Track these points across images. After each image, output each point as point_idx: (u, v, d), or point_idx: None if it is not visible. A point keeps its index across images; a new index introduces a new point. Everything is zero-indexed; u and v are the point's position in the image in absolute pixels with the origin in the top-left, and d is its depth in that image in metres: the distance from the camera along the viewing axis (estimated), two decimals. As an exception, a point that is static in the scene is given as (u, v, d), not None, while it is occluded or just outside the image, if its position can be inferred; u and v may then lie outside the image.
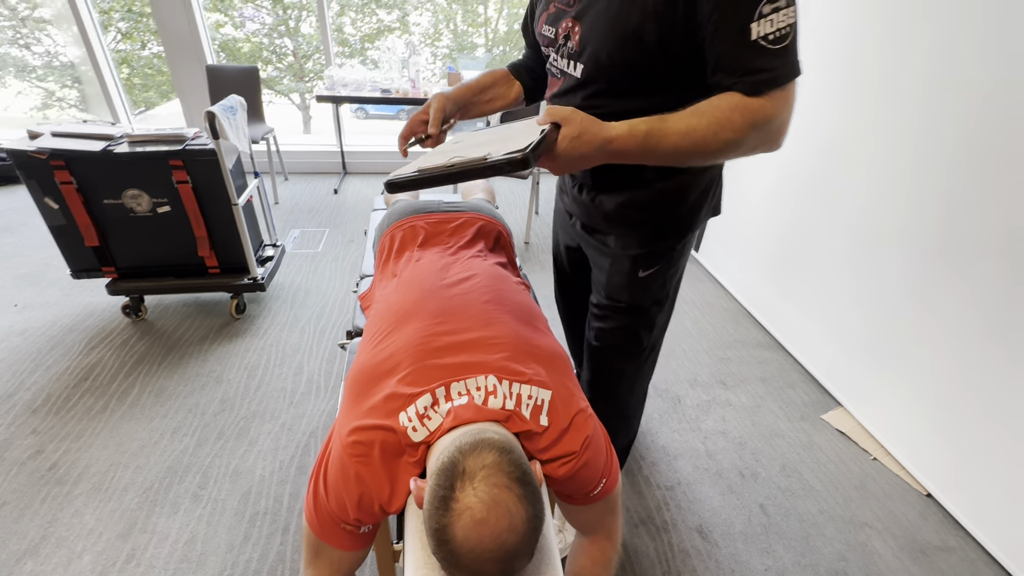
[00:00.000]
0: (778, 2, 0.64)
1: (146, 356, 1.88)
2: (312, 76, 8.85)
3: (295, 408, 1.68)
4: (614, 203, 0.93)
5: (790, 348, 2.06)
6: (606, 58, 0.76)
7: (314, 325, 2.08)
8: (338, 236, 2.80)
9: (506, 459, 0.62)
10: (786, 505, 1.45)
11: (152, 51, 7.82)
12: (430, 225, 1.16)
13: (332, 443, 0.79)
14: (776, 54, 0.66)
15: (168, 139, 1.83)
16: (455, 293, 0.93)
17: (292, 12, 8.20)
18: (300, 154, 3.61)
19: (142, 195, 1.85)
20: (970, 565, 1.31)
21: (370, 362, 0.82)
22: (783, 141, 0.73)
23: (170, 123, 7.25)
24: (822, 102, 1.81)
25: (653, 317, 1.05)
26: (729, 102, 0.69)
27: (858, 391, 1.74)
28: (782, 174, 2.07)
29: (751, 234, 2.29)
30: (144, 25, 7.39)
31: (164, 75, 7.81)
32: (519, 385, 0.77)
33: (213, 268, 2.03)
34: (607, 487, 0.83)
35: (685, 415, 1.74)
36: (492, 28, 9.57)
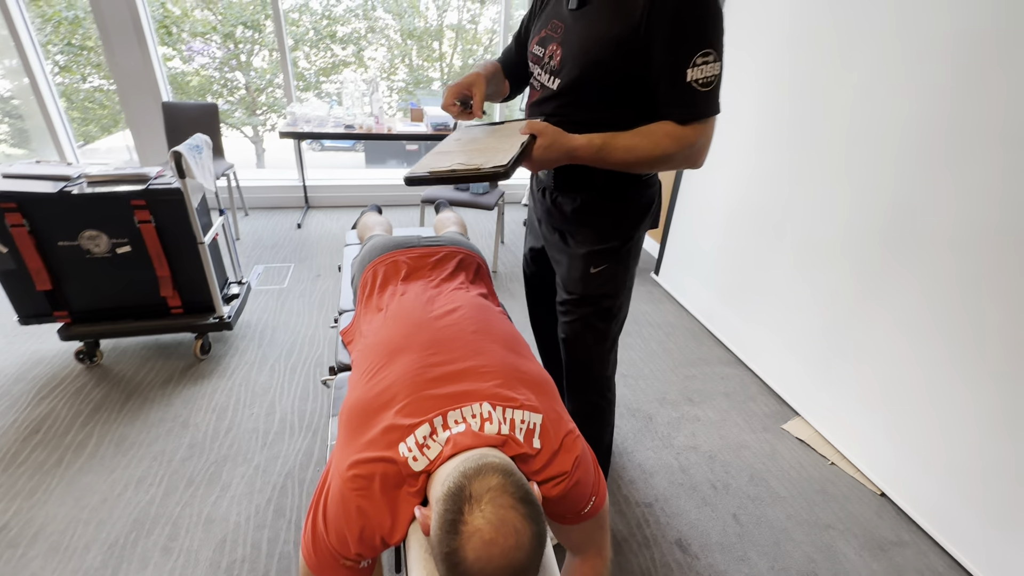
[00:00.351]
0: (708, 57, 0.85)
1: (103, 404, 1.79)
2: (265, 109, 8.77)
3: (269, 449, 1.64)
4: (571, 206, 1.11)
5: (749, 363, 2.18)
6: (578, 76, 0.95)
7: (284, 362, 2.04)
8: (304, 271, 2.77)
9: (509, 481, 0.65)
10: (756, 513, 1.53)
11: (92, 85, 7.56)
12: (412, 260, 1.20)
13: (330, 478, 0.79)
14: (702, 95, 0.87)
15: (130, 179, 1.79)
16: (443, 325, 0.97)
17: (244, 46, 8.16)
18: (260, 189, 3.56)
19: (100, 236, 1.79)
20: (923, 557, 1.41)
21: (365, 396, 0.84)
22: (703, 162, 0.96)
23: (111, 158, 6.91)
24: (768, 140, 1.99)
25: (606, 307, 1.18)
26: (663, 128, 0.90)
27: (813, 401, 1.86)
28: (735, 202, 2.23)
29: (708, 258, 2.44)
30: (84, 59, 7.16)
31: (105, 108, 7.55)
32: (512, 411, 0.81)
33: (176, 308, 1.97)
34: (596, 504, 0.88)
35: (657, 433, 1.81)
36: (447, 63, 9.82)
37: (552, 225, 1.17)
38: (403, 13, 8.31)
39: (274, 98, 8.59)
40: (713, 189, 2.35)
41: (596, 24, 0.90)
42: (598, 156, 0.91)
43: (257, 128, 9.30)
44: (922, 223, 1.43)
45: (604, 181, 1.04)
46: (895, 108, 1.49)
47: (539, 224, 1.25)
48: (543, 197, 1.17)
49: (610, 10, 0.88)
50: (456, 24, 8.87)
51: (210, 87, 8.27)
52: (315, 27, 8.19)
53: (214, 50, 8.09)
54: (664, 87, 0.88)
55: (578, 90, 0.96)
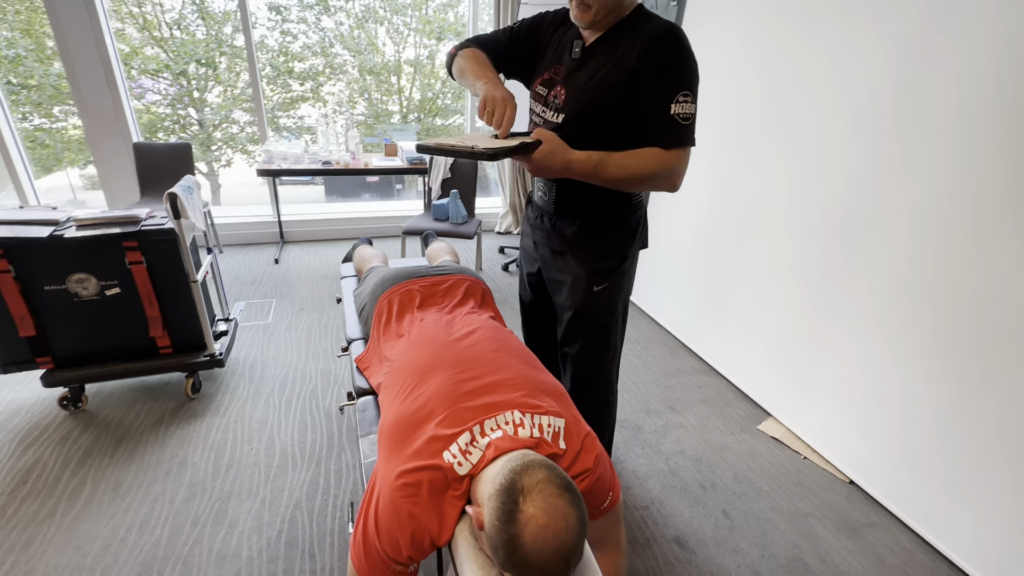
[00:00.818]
0: (687, 97, 1.04)
1: (94, 449, 1.75)
2: (220, 145, 8.66)
3: (273, 483, 1.65)
4: (571, 230, 1.24)
5: (722, 371, 2.35)
6: (581, 111, 1.11)
7: (278, 396, 2.05)
8: (287, 305, 2.78)
9: (554, 474, 0.75)
10: (743, 508, 1.65)
11: (34, 124, 7.29)
12: (424, 288, 1.29)
13: (378, 490, 0.86)
14: (683, 127, 1.05)
15: (121, 221, 1.81)
16: (466, 345, 1.06)
17: (196, 82, 8.09)
18: (234, 226, 3.55)
19: (89, 279, 1.79)
20: (891, 535, 1.57)
21: (405, 412, 0.92)
22: (679, 185, 1.11)
23: (52, 198, 6.58)
24: (726, 166, 2.21)
25: (608, 323, 1.32)
26: (651, 151, 1.07)
27: (783, 402, 2.04)
28: (698, 224, 2.44)
29: (677, 276, 2.63)
30: (25, 97, 6.92)
31: (48, 148, 7.28)
32: (539, 416, 0.91)
33: (165, 348, 1.96)
34: (613, 499, 0.98)
35: (646, 441, 1.93)
36: (407, 96, 10.03)
37: (552, 248, 1.29)
38: (361, 50, 8.48)
39: (230, 134, 8.51)
40: (678, 213, 2.56)
41: (598, 71, 1.09)
42: (594, 171, 1.06)
43: (212, 164, 9.14)
44: (866, 237, 1.65)
45: (599, 205, 1.18)
46: (837, 138, 1.72)
47: (535, 247, 1.37)
48: (541, 222, 1.29)
49: (610, 61, 1.08)
50: (414, 59, 9.13)
51: (162, 123, 8.12)
52: (272, 63, 8.24)
53: (164, 86, 7.98)
54: (652, 119, 1.06)
55: (579, 122, 1.12)
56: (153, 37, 6.77)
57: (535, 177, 1.25)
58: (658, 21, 1.06)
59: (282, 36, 6.91)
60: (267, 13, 6.38)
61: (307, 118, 7.97)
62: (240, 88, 7.63)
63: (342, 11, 7.04)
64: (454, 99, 7.85)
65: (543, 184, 1.24)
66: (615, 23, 1.09)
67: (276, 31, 6.69)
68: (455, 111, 7.81)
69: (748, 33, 2.05)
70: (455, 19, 6.91)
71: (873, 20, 1.57)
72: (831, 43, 1.71)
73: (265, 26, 6.44)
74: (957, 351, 1.41)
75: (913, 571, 1.46)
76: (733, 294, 2.25)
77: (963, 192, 1.37)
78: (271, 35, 6.47)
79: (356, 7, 7.07)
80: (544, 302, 1.44)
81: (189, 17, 6.53)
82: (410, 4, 7.06)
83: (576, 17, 1.08)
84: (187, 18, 6.46)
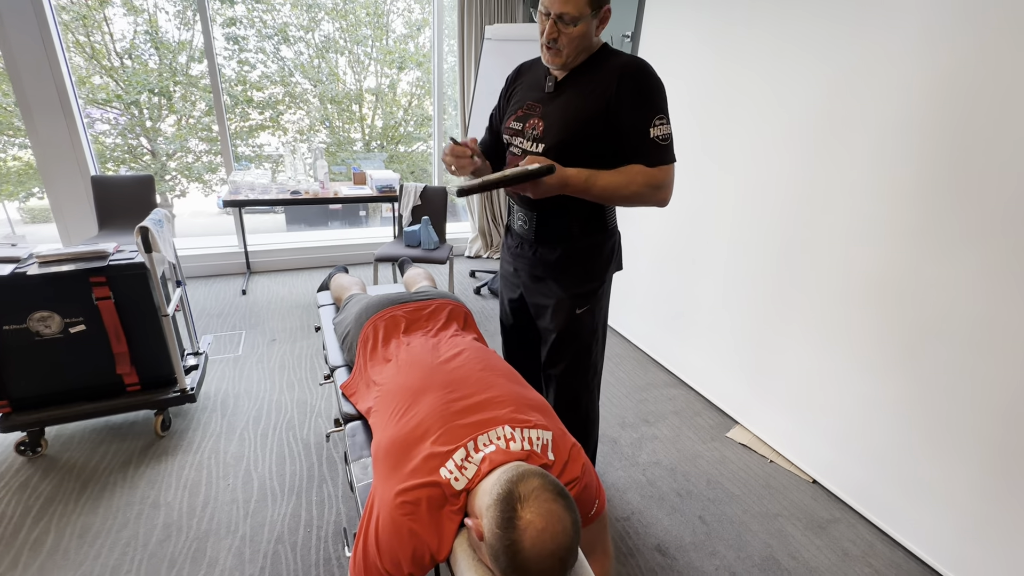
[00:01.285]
0: (662, 120, 1.15)
1: (56, 495, 1.67)
2: (174, 174, 8.43)
3: (253, 518, 1.62)
4: (553, 256, 1.31)
5: (690, 383, 2.46)
6: (561, 140, 1.19)
7: (253, 429, 2.01)
8: (257, 337, 2.73)
9: (547, 481, 0.80)
10: (717, 513, 1.73)
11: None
12: (408, 313, 1.33)
13: (376, 510, 0.89)
14: (662, 147, 1.15)
15: (87, 256, 1.77)
16: (454, 367, 1.10)
17: (149, 111, 7.89)
18: (197, 257, 3.48)
19: (52, 316, 1.73)
20: (853, 528, 1.68)
21: (399, 433, 0.96)
22: (668, 200, 1.19)
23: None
24: (687, 189, 2.36)
25: (590, 344, 1.41)
26: (637, 168, 1.16)
27: (748, 409, 2.15)
28: (662, 244, 2.57)
29: (642, 294, 2.75)
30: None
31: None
32: (528, 430, 0.96)
33: (133, 385, 1.91)
34: (600, 507, 1.04)
35: (623, 453, 2.00)
36: (368, 124, 10.08)
37: (534, 274, 1.36)
38: (321, 80, 8.51)
39: (185, 163, 8.32)
40: (639, 234, 2.69)
41: (572, 103, 1.19)
42: (584, 185, 1.14)
43: (167, 195, 8.87)
44: (808, 252, 1.80)
45: (580, 232, 1.27)
46: (775, 163, 1.88)
47: (516, 274, 1.44)
48: (522, 250, 1.36)
49: (584, 93, 1.17)
50: (375, 88, 9.21)
51: (112, 153, 7.86)
52: (229, 92, 8.15)
53: (115, 116, 7.75)
54: (633, 143, 1.15)
55: (560, 150, 1.20)
56: (103, 66, 6.59)
57: (518, 206, 1.33)
58: (625, 56, 1.17)
59: (240, 65, 6.86)
60: (223, 43, 6.34)
61: (267, 147, 7.89)
62: (196, 117, 7.50)
63: (302, 41, 7.05)
64: (416, 127, 7.95)
65: (523, 214, 1.31)
66: (584, 60, 1.19)
67: (233, 60, 6.64)
68: (418, 138, 7.91)
69: (693, 67, 2.23)
70: (415, 49, 7.06)
71: (803, 53, 1.75)
72: (766, 74, 1.88)
73: (222, 55, 6.40)
74: (901, 354, 1.55)
75: (875, 561, 1.56)
76: (694, 309, 2.37)
77: (893, 208, 1.53)
78: (228, 64, 6.42)
79: (316, 37, 7.11)
80: (525, 326, 1.50)
81: (142, 46, 6.40)
82: (370, 35, 7.17)
83: (548, 61, 1.18)
84: (139, 47, 6.34)
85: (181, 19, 6.13)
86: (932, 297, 1.45)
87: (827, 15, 1.67)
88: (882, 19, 1.52)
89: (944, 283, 1.42)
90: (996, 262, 1.30)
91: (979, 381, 1.37)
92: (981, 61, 1.30)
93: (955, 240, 1.39)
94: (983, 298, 1.34)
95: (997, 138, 1.28)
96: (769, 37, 1.88)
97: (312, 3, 6.06)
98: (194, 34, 6.18)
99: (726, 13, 2.06)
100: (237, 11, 6.03)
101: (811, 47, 1.73)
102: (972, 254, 1.35)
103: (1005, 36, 1.25)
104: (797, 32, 1.78)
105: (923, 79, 1.43)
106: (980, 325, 1.35)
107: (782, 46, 1.84)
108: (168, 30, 6.26)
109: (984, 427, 1.37)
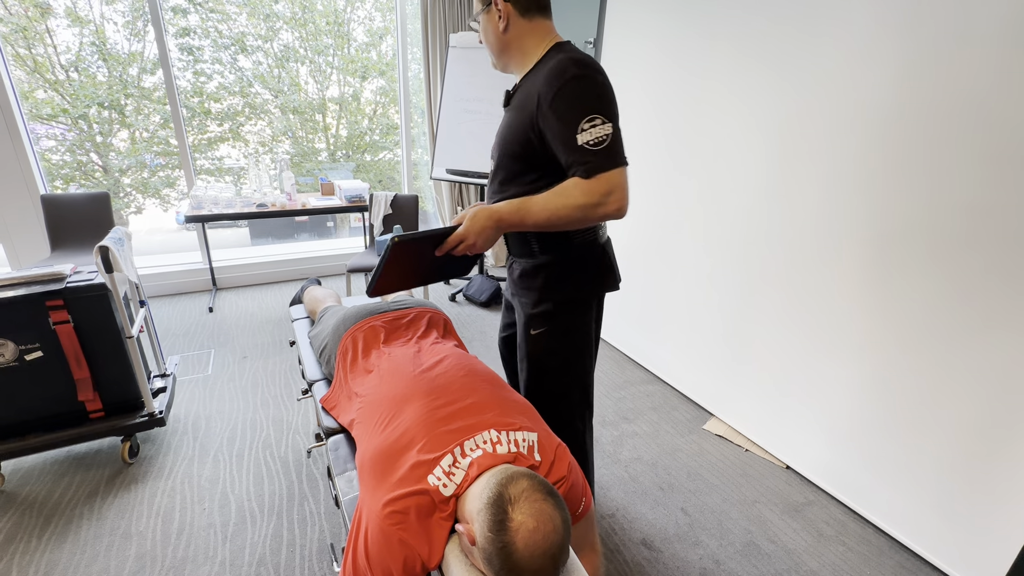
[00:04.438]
0: (594, 121, 0.97)
1: (17, 533, 1.58)
2: (129, 191, 8.11)
3: (232, 542, 1.57)
4: (517, 272, 1.24)
5: (666, 379, 2.52)
6: (500, 157, 1.16)
7: (228, 451, 1.95)
8: (227, 355, 2.65)
9: (536, 481, 0.81)
10: (699, 503, 1.78)
11: None
12: (387, 323, 1.32)
13: (365, 521, 0.88)
14: (596, 153, 0.97)
15: (42, 279, 1.69)
16: (436, 374, 1.10)
17: (100, 126, 7.58)
18: (159, 276, 3.35)
19: (6, 344, 1.64)
20: (826, 510, 1.75)
21: (385, 443, 0.95)
22: (622, 209, 1.00)
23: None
24: (655, 190, 2.42)
25: (548, 365, 1.26)
26: (572, 183, 1.00)
27: (722, 401, 2.21)
28: (634, 243, 2.63)
29: (615, 294, 2.79)
30: None
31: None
32: (513, 432, 0.97)
33: (96, 412, 1.82)
34: (587, 505, 1.05)
35: (605, 451, 2.03)
36: (333, 133, 9.92)
37: (510, 292, 1.30)
38: (282, 90, 8.34)
39: (141, 179, 8.02)
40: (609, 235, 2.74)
41: (511, 116, 1.13)
42: (519, 215, 1.02)
43: (121, 212, 8.51)
44: (770, 246, 1.87)
45: (539, 248, 1.17)
46: (739, 162, 1.96)
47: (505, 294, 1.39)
48: (507, 265, 1.31)
49: (520, 103, 1.09)
50: (338, 97, 9.08)
51: (60, 171, 7.51)
52: (186, 104, 7.90)
53: (62, 132, 7.41)
54: (564, 154, 1.01)
55: (506, 169, 1.15)
56: (46, 80, 6.29)
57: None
58: (555, 58, 1.03)
59: (195, 76, 6.67)
60: (177, 54, 6.15)
61: (227, 159, 7.69)
62: (151, 131, 7.26)
63: (260, 51, 6.90)
64: (382, 135, 7.88)
65: None
66: (533, 66, 1.10)
67: (189, 71, 6.45)
68: (383, 147, 7.84)
69: (654, 73, 2.30)
70: (378, 57, 7.01)
71: (763, 60, 1.83)
72: (729, 82, 1.96)
73: (176, 66, 6.21)
74: (861, 341, 1.63)
75: (848, 540, 1.63)
76: (666, 307, 2.43)
77: (849, 203, 1.62)
78: (183, 76, 6.24)
79: (275, 47, 6.97)
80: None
81: (89, 59, 6.15)
82: (331, 44, 7.08)
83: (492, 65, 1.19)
84: (86, 59, 6.09)
85: (131, 30, 5.91)
86: (893, 283, 1.53)
87: (785, 18, 1.75)
88: (837, 20, 1.60)
89: (904, 270, 1.50)
90: (955, 248, 1.39)
91: (939, 364, 1.45)
92: (943, 59, 1.39)
93: (914, 227, 1.47)
94: (943, 284, 1.42)
95: (954, 129, 1.37)
96: (729, 41, 1.96)
97: (270, 12, 5.95)
98: (145, 45, 5.97)
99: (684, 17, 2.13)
100: (191, 21, 5.86)
101: (770, 49, 1.81)
102: (928, 240, 1.44)
103: (949, 37, 1.35)
104: (757, 32, 1.86)
105: (878, 77, 1.51)
106: (939, 311, 1.43)
107: (742, 48, 1.91)
108: (117, 41, 6.03)
109: (945, 407, 1.45)
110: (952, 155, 1.35)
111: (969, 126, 1.31)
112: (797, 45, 1.70)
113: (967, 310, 1.36)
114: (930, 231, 1.42)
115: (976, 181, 1.31)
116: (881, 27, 1.47)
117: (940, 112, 1.36)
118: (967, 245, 1.34)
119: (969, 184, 1.32)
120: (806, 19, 1.67)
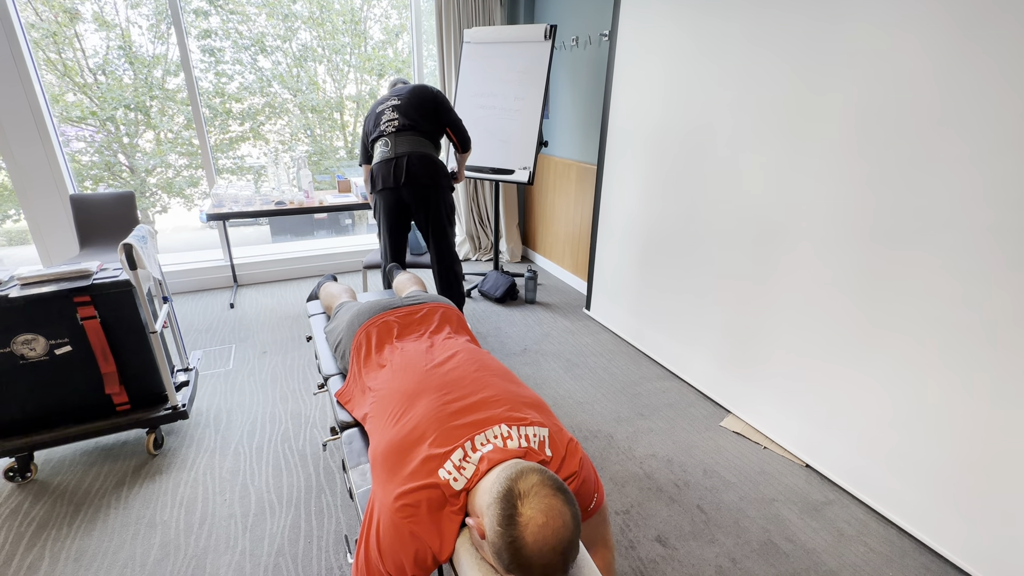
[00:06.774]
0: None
1: (49, 520, 1.64)
2: (154, 190, 8.31)
3: (252, 532, 1.60)
4: None
5: (682, 375, 2.49)
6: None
7: (248, 444, 2.00)
8: (248, 350, 2.71)
9: (546, 476, 0.81)
10: (715, 501, 1.76)
11: None
12: (400, 318, 1.33)
13: (377, 514, 0.89)
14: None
15: (70, 276, 1.75)
16: (448, 368, 1.11)
17: (126, 127, 7.77)
18: (182, 273, 3.44)
19: (37, 339, 1.70)
20: (847, 509, 1.71)
21: (396, 437, 0.96)
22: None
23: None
24: (666, 185, 2.39)
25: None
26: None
27: (739, 398, 2.18)
28: (644, 239, 2.60)
29: (630, 289, 2.77)
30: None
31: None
32: (524, 428, 0.97)
33: (123, 405, 1.88)
34: (599, 500, 1.05)
35: (619, 448, 2.01)
36: (351, 131, 10.02)
37: None
38: (300, 89, 8.44)
39: (166, 179, 8.21)
40: (625, 230, 2.72)
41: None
42: None
43: (148, 211, 8.74)
44: (784, 241, 1.83)
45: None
46: (754, 154, 1.92)
47: None
48: None
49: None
50: (356, 95, 9.16)
51: (89, 171, 7.74)
52: (208, 104, 8.05)
53: (91, 134, 7.62)
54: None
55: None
56: (75, 83, 6.48)
57: None
58: None
59: (216, 77, 6.80)
60: (199, 55, 6.27)
61: (248, 158, 7.82)
62: (175, 132, 7.42)
63: (279, 51, 7.00)
64: (399, 132, 7.83)
65: None
66: None
67: (210, 72, 6.58)
68: (401, 143, 7.79)
69: (668, 68, 2.26)
70: (394, 55, 7.05)
71: (779, 43, 1.79)
72: (738, 76, 1.92)
73: (198, 67, 6.33)
74: (883, 338, 1.59)
75: (870, 540, 1.59)
76: (682, 302, 2.40)
77: (861, 199, 1.57)
78: (205, 77, 6.36)
79: (293, 47, 7.06)
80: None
81: (115, 62, 6.32)
82: (348, 43, 7.14)
83: None
84: (113, 62, 6.25)
85: (155, 33, 6.05)
86: (918, 280, 1.49)
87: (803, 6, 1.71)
88: (858, 7, 1.56)
89: (930, 267, 1.46)
90: (982, 243, 1.34)
91: (967, 361, 1.40)
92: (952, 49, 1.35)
93: (940, 223, 1.43)
94: (970, 280, 1.38)
95: (962, 126, 1.32)
96: (744, 28, 1.92)
97: (288, 13, 6.02)
98: (168, 47, 6.11)
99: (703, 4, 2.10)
100: (212, 23, 5.97)
101: (787, 38, 1.77)
102: (953, 236, 1.39)
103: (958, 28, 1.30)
104: (774, 21, 1.81)
105: (897, 68, 1.46)
106: (965, 307, 1.39)
107: (758, 35, 1.87)
108: (142, 44, 6.18)
109: (972, 405, 1.40)
110: (983, 145, 1.30)
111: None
112: (817, 30, 1.66)
113: (995, 306, 1.31)
114: (955, 227, 1.37)
115: (1006, 173, 1.26)
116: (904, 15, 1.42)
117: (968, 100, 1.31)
118: (994, 240, 1.29)
119: (999, 176, 1.27)
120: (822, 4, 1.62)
